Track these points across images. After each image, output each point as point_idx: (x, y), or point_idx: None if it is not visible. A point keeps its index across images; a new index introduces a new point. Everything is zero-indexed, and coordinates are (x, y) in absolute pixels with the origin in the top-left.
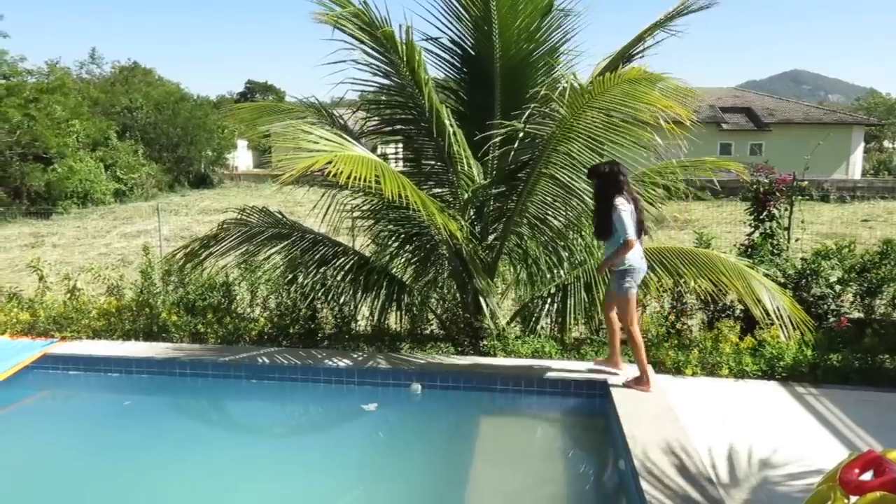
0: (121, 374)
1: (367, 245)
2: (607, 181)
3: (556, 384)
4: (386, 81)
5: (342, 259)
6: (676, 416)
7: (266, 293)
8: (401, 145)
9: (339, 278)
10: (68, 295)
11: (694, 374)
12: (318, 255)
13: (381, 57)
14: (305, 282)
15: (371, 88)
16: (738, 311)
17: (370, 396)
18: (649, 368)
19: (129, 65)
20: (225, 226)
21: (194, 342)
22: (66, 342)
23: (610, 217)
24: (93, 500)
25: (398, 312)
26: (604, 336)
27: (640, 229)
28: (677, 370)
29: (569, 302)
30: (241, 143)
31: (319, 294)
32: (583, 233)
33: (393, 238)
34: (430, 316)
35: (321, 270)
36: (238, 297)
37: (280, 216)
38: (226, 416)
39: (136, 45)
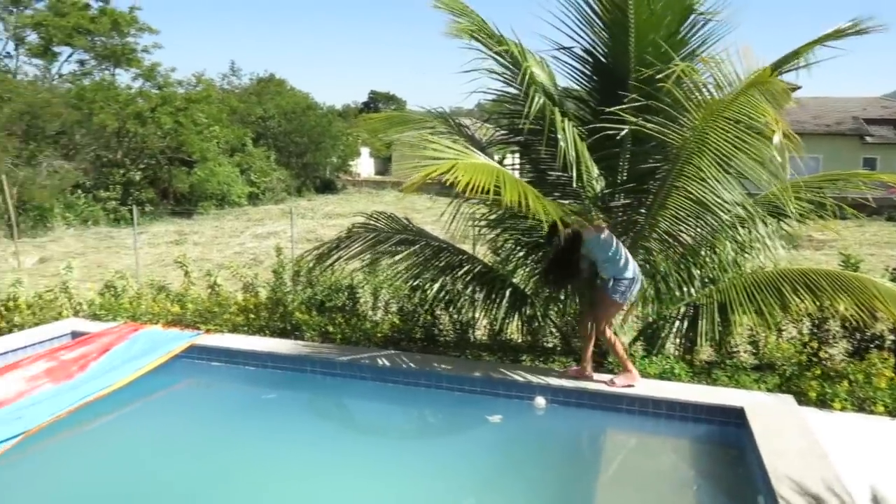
0: (257, 368)
1: (486, 254)
2: (572, 246)
3: (686, 408)
4: (513, 91)
5: (466, 267)
6: (824, 452)
7: (388, 297)
8: (524, 155)
9: (460, 286)
10: (209, 290)
11: (843, 408)
12: (442, 263)
13: (506, 68)
14: (428, 288)
15: (496, 98)
16: (888, 342)
17: (492, 407)
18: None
19: (266, 76)
20: (354, 230)
21: (324, 341)
22: (210, 335)
23: (577, 264)
24: (225, 485)
25: (519, 323)
26: (736, 361)
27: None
28: (822, 403)
29: (700, 323)
30: (364, 151)
31: (441, 301)
32: (716, 250)
33: (517, 248)
34: (552, 328)
35: (444, 278)
36: (361, 300)
37: (407, 223)
38: (350, 415)
39: (272, 58)
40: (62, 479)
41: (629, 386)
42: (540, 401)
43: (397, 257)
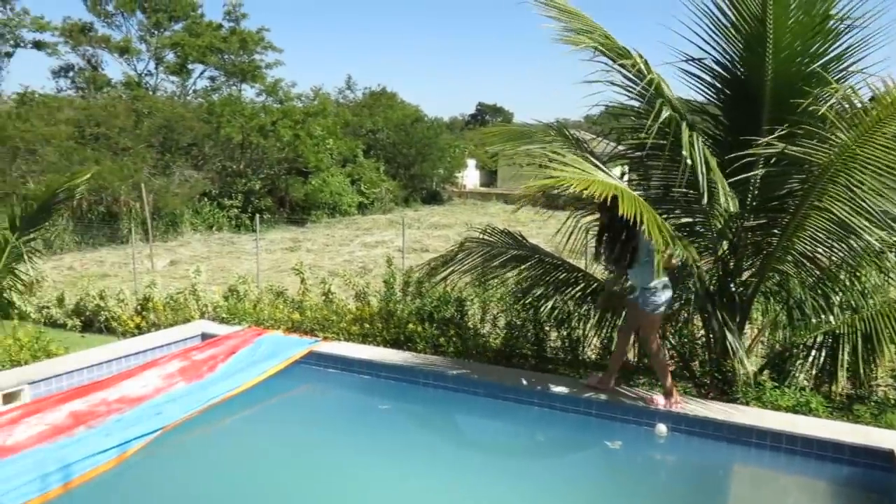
0: (371, 377)
1: (592, 269)
2: (632, 230)
3: (824, 447)
4: (633, 104)
5: (582, 285)
6: None
7: (497, 311)
8: (640, 171)
9: (571, 304)
10: (323, 297)
11: None
12: (556, 280)
13: (630, 80)
14: (540, 305)
15: (613, 110)
16: None
17: (608, 431)
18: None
19: (378, 90)
20: (467, 244)
21: (435, 353)
22: (328, 342)
23: (630, 244)
24: (335, 490)
25: (633, 344)
26: (880, 396)
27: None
28: None
29: (841, 353)
30: (471, 162)
31: (552, 318)
32: (858, 275)
33: None
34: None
35: (557, 296)
36: (469, 313)
37: (521, 238)
38: (461, 430)
39: (385, 72)
40: (190, 474)
41: (673, 406)
42: (661, 428)
43: (510, 273)
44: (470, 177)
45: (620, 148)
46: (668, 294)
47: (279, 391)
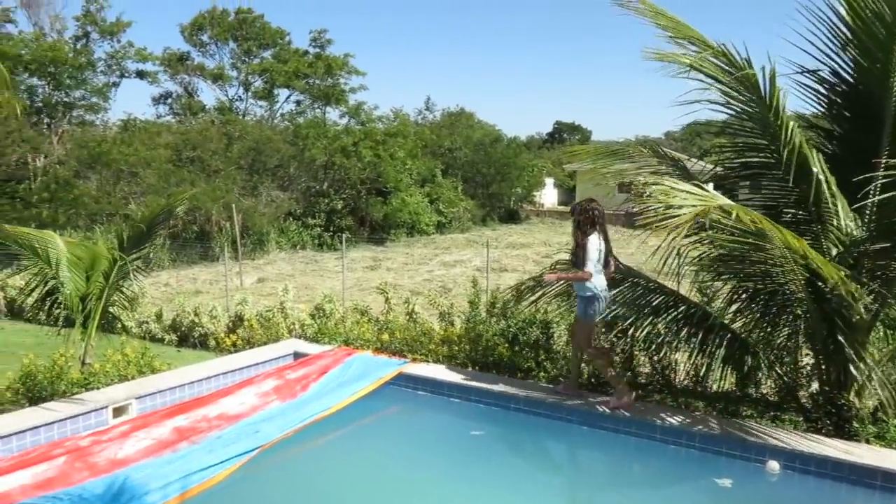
0: (461, 401)
1: (690, 293)
2: (584, 216)
3: None
4: (735, 121)
5: (682, 308)
6: None
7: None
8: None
9: (661, 328)
10: (407, 317)
11: None
12: (652, 304)
13: (734, 97)
14: (631, 329)
15: (714, 129)
16: None
17: (714, 466)
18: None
19: (456, 110)
20: (557, 266)
21: (526, 378)
22: (416, 363)
23: (578, 251)
24: None
25: (729, 371)
26: None
27: (608, 261)
28: None
29: None
30: (549, 181)
31: (649, 343)
32: None
33: (739, 292)
34: (774, 381)
35: (653, 319)
36: (556, 336)
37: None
38: (555, 459)
39: (463, 92)
40: (285, 494)
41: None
42: (773, 465)
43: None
44: (548, 195)
45: (720, 168)
46: (599, 304)
47: (370, 412)
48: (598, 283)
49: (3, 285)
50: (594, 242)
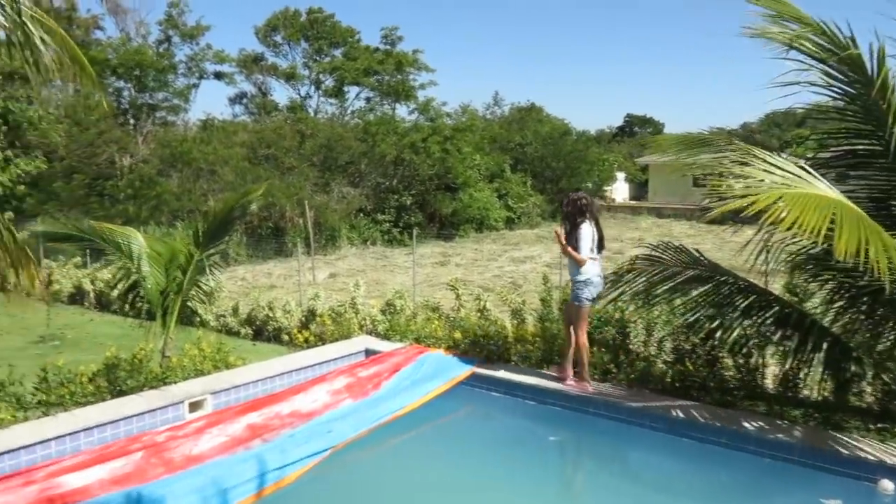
0: (536, 403)
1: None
2: (573, 207)
3: None
4: (839, 105)
5: (775, 308)
6: None
7: (663, 334)
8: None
9: (749, 328)
10: (478, 314)
11: None
12: (742, 305)
13: (837, 78)
14: (718, 330)
15: (817, 113)
16: None
17: (815, 483)
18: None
19: (526, 105)
20: (637, 264)
21: (603, 381)
22: (489, 363)
23: (572, 235)
24: None
25: (831, 379)
26: None
27: (600, 246)
28: None
29: None
30: (620, 175)
31: (735, 346)
32: None
33: (840, 293)
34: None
35: (744, 321)
36: (632, 335)
37: (698, 255)
38: (635, 468)
39: (532, 86)
40: (357, 496)
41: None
42: (887, 485)
43: (683, 296)
44: (619, 190)
45: (821, 156)
46: (591, 289)
47: (442, 413)
48: (591, 269)
49: (93, 278)
50: (587, 230)
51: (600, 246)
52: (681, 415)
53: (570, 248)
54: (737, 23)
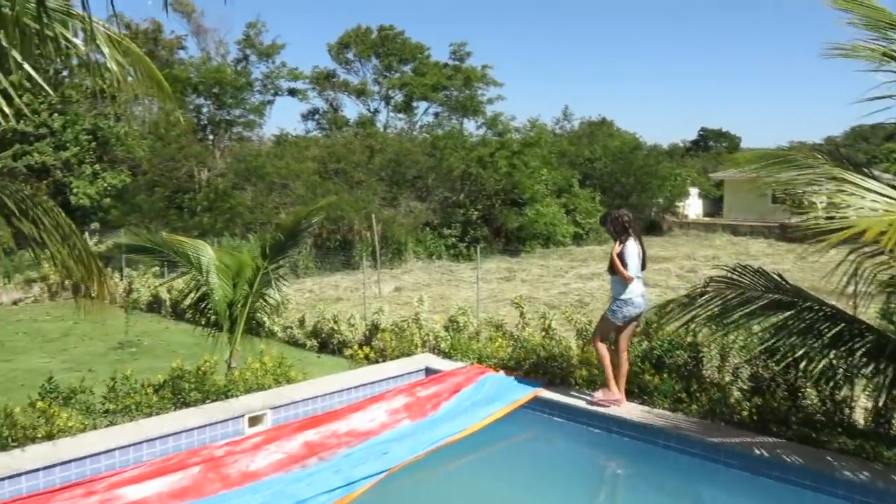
0: (601, 431)
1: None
2: (616, 225)
3: None
4: None
5: (869, 339)
6: None
7: (739, 360)
8: None
9: (838, 360)
10: (543, 333)
11: None
12: (829, 334)
13: None
14: (808, 363)
15: None
16: None
17: None
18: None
19: (596, 120)
20: (712, 286)
21: (674, 410)
22: (553, 386)
23: (620, 255)
24: None
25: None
26: None
27: (643, 265)
28: None
29: None
30: (693, 191)
31: (822, 377)
32: None
33: None
34: None
35: (833, 352)
36: (705, 360)
37: (780, 280)
38: None
39: (603, 100)
40: None
41: (611, 403)
42: None
43: (761, 322)
44: (692, 206)
45: None
46: (630, 308)
47: (502, 437)
48: (636, 288)
49: (169, 288)
50: (633, 248)
51: (643, 264)
52: (763, 452)
53: (618, 265)
54: (820, 33)
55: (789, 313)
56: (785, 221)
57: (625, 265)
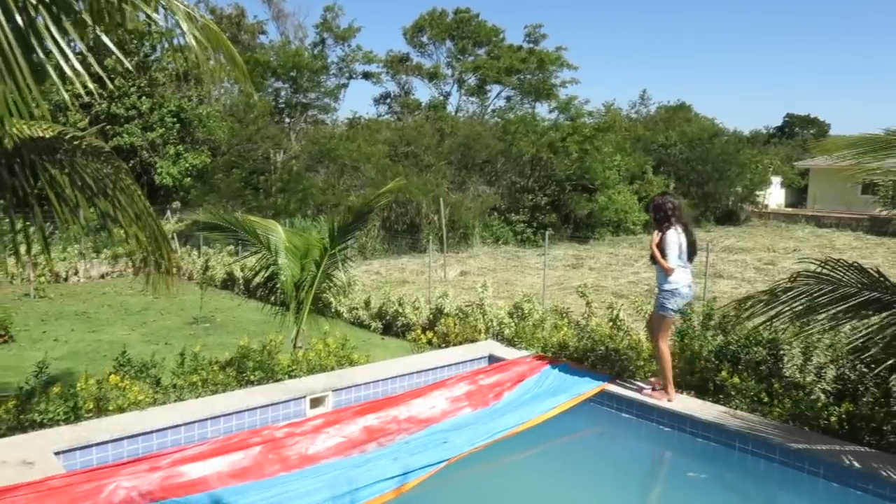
0: (672, 430)
1: None
2: (659, 213)
3: None
4: None
5: None
6: None
7: (825, 360)
8: None
9: None
10: (610, 324)
11: None
12: None
13: None
14: None
15: None
16: None
17: None
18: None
19: (674, 104)
20: (800, 280)
21: (753, 412)
22: (621, 380)
23: (660, 244)
24: None
25: None
26: None
27: (691, 254)
28: None
29: None
30: (776, 180)
31: None
32: None
33: None
34: None
35: None
36: (785, 359)
37: (878, 276)
38: None
39: (682, 84)
40: None
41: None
42: None
43: (867, 322)
44: (773, 195)
45: None
46: (678, 300)
47: (566, 431)
48: (681, 278)
49: (242, 266)
50: (672, 237)
51: (691, 253)
52: (853, 462)
53: (658, 255)
54: None
55: (888, 313)
56: (876, 213)
57: (664, 255)
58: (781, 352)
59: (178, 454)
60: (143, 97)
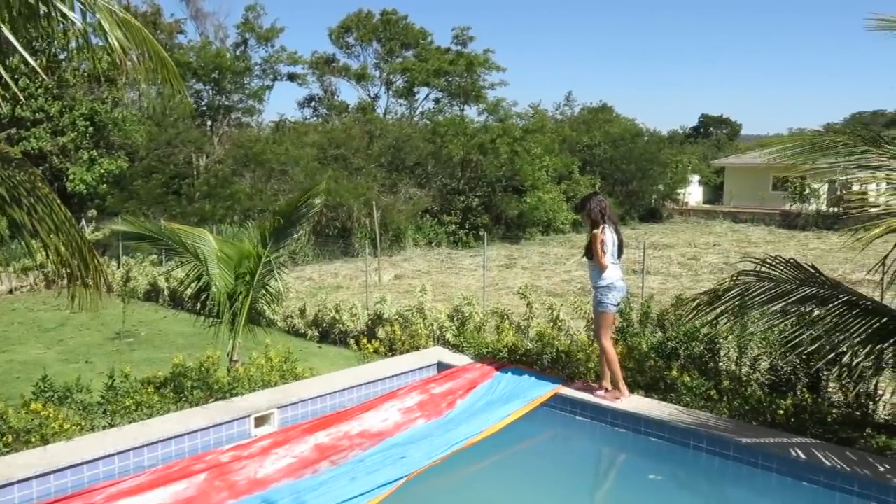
0: (627, 431)
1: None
2: (594, 211)
3: None
4: None
5: None
6: None
7: (758, 352)
8: None
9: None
10: (551, 324)
11: None
12: (867, 330)
13: None
14: (852, 358)
15: None
16: None
17: None
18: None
19: (597, 105)
20: (741, 279)
21: (703, 408)
22: (573, 383)
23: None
24: None
25: None
26: None
27: (620, 251)
28: None
29: None
30: (693, 178)
31: (848, 372)
32: None
33: None
34: None
35: (870, 347)
36: (722, 353)
37: (814, 271)
38: None
39: (604, 86)
40: None
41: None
42: None
43: (806, 319)
44: (693, 193)
45: None
46: (615, 293)
47: (521, 437)
48: (614, 274)
49: (167, 276)
50: (607, 235)
51: (620, 250)
52: (800, 454)
53: (599, 250)
54: (825, 20)
55: (828, 308)
56: (786, 208)
57: (600, 252)
58: (718, 346)
59: (112, 488)
60: (52, 99)
